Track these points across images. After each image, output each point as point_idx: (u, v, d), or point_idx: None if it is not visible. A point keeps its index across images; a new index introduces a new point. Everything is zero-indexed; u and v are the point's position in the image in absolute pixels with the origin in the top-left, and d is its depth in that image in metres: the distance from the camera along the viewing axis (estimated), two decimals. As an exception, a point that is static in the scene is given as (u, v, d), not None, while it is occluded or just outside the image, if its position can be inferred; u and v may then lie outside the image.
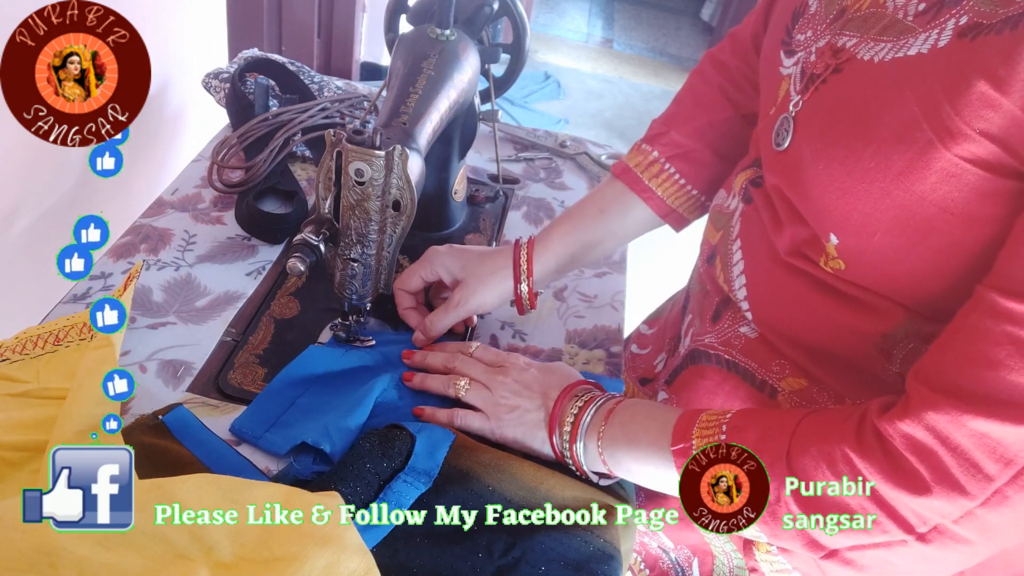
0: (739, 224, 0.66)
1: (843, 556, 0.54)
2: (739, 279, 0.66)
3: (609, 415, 0.62)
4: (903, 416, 0.49)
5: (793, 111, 0.58)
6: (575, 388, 0.66)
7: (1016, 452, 0.46)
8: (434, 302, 0.79)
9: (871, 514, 0.50)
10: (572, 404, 0.64)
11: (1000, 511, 0.47)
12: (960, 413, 0.46)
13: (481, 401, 0.67)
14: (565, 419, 0.63)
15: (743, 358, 0.66)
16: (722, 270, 0.68)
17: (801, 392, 0.63)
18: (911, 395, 0.49)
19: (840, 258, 0.55)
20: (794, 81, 0.59)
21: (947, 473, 0.47)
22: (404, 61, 0.75)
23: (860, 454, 0.50)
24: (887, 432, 0.49)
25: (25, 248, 0.94)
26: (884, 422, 0.49)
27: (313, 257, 0.65)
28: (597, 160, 1.11)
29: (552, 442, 0.64)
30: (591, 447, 0.62)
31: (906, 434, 0.48)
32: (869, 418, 0.51)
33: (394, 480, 0.59)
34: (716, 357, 0.68)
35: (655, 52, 4.01)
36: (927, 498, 0.48)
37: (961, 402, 0.46)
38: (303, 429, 0.63)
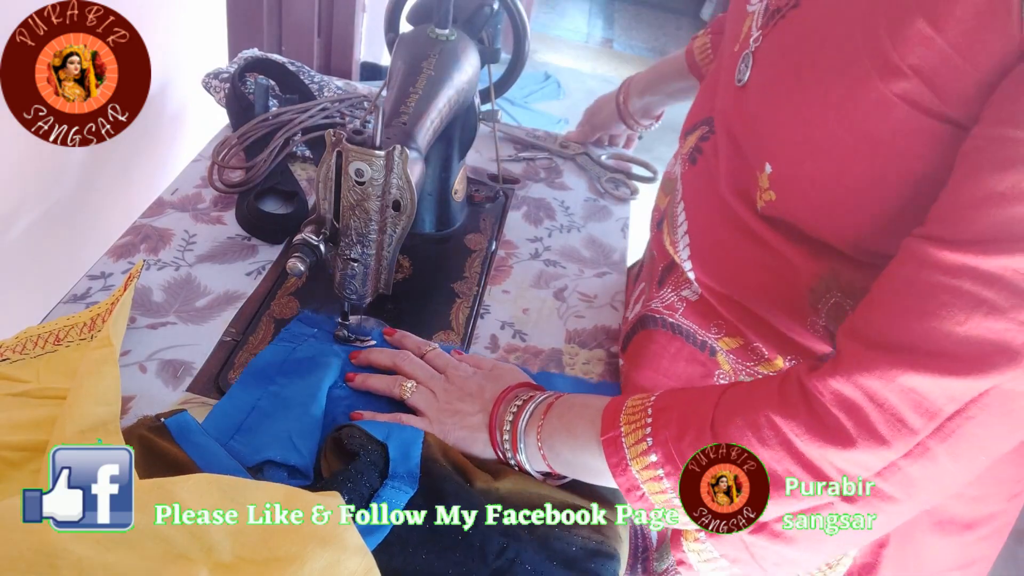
0: (682, 187, 0.69)
1: (771, 529, 0.55)
2: (683, 239, 0.68)
3: (548, 409, 0.62)
4: (833, 373, 0.49)
5: (753, 46, 0.60)
6: (516, 389, 0.66)
7: (941, 405, 0.46)
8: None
9: (795, 476, 0.50)
10: (512, 404, 0.64)
11: (922, 463, 0.48)
12: (890, 367, 0.46)
13: (425, 404, 0.67)
14: (504, 419, 0.63)
15: (685, 320, 0.68)
16: (668, 233, 0.70)
17: (737, 351, 0.65)
18: (842, 352, 0.50)
19: (772, 188, 0.57)
20: (757, 17, 0.61)
21: (871, 427, 0.47)
22: (404, 61, 0.75)
23: (784, 414, 0.50)
24: (816, 389, 0.49)
25: (25, 248, 0.94)
26: (814, 379, 0.50)
27: (313, 257, 0.65)
28: (597, 160, 1.11)
29: (494, 441, 0.64)
30: (531, 443, 0.62)
31: (835, 391, 0.48)
32: (794, 377, 0.51)
33: (381, 488, 0.58)
34: (661, 320, 0.70)
35: (655, 52, 4.01)
36: (850, 450, 0.48)
37: (892, 356, 0.46)
38: (267, 441, 0.62)
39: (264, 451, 0.61)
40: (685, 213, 0.68)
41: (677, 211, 0.69)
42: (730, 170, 0.62)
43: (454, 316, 0.82)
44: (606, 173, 1.09)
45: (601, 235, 0.98)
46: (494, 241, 0.93)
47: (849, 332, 0.50)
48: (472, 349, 0.79)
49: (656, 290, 0.72)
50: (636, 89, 1.05)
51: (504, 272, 0.89)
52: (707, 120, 0.68)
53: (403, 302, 0.81)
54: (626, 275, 0.92)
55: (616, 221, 1.02)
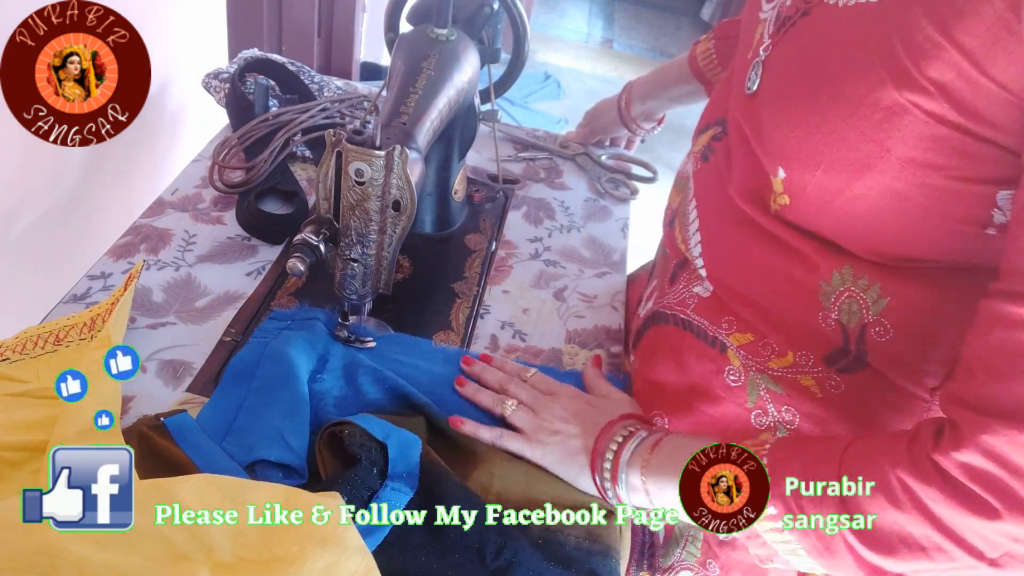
0: (694, 184, 0.69)
1: None
2: (694, 237, 0.68)
3: (656, 446, 0.61)
4: (957, 446, 0.47)
5: (764, 54, 0.60)
6: (625, 420, 0.66)
7: None
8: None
9: (937, 543, 0.48)
10: (618, 434, 0.64)
11: None
12: (1014, 432, 0.45)
13: (525, 423, 0.68)
14: (608, 447, 0.63)
15: (696, 316, 0.68)
16: (680, 231, 0.71)
17: (747, 346, 0.65)
18: (958, 422, 0.48)
19: (786, 193, 0.57)
20: (768, 25, 0.61)
21: (1015, 496, 0.46)
22: (404, 61, 0.75)
23: (919, 479, 0.48)
24: (944, 465, 0.47)
25: (25, 248, 0.94)
26: (939, 455, 0.48)
27: (313, 257, 0.65)
28: (597, 160, 1.11)
29: (594, 468, 0.64)
30: (634, 478, 0.61)
31: (964, 464, 0.46)
32: (923, 447, 0.49)
33: (381, 489, 0.58)
34: (672, 317, 0.70)
35: (655, 52, 4.01)
36: (998, 523, 0.46)
37: (1012, 420, 0.45)
38: (258, 439, 0.62)
39: (257, 450, 0.61)
40: (697, 211, 0.68)
41: (689, 208, 0.69)
42: (743, 173, 0.62)
43: (454, 316, 0.82)
44: (606, 173, 1.09)
45: (601, 235, 0.98)
46: (494, 241, 0.93)
47: (957, 401, 0.49)
48: (472, 349, 0.79)
49: (668, 287, 0.73)
50: (638, 93, 1.05)
51: (504, 272, 0.89)
52: (720, 121, 0.68)
53: (403, 302, 0.81)
54: (626, 276, 0.92)
55: (616, 221, 1.02)
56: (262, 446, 0.61)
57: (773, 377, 0.63)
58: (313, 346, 0.71)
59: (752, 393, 0.64)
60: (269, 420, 0.63)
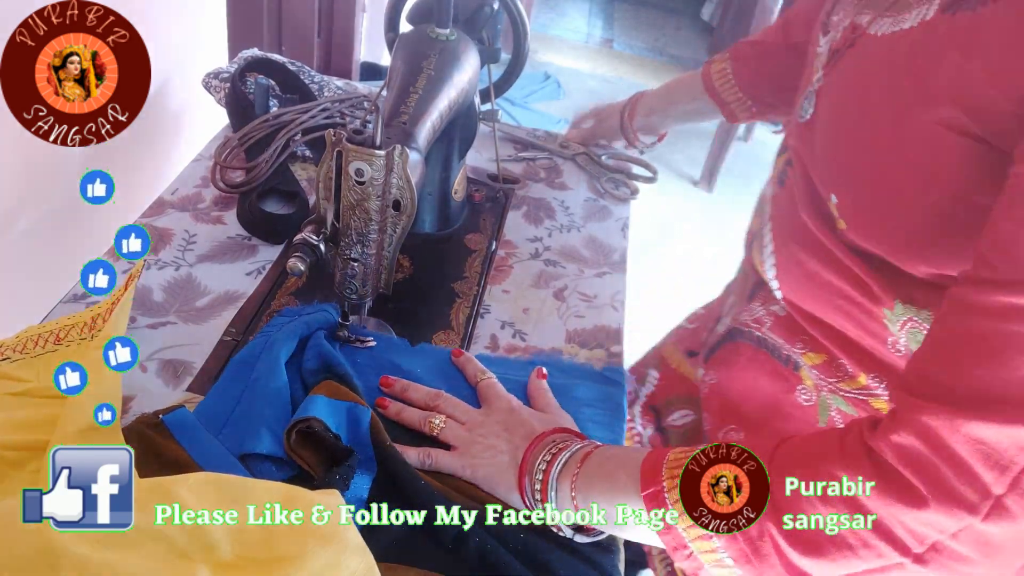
0: (771, 207, 0.71)
1: None
2: (769, 259, 0.70)
3: (585, 459, 0.58)
4: (893, 427, 0.46)
5: (816, 85, 0.64)
6: (552, 434, 0.63)
7: (1012, 456, 0.43)
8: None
9: (864, 538, 0.47)
10: (546, 450, 0.61)
11: (1000, 524, 0.44)
12: (953, 417, 0.44)
13: (455, 438, 0.65)
14: (536, 465, 0.60)
15: (771, 335, 0.70)
16: (757, 253, 0.72)
17: (821, 366, 0.66)
18: (899, 405, 0.48)
19: (841, 217, 0.59)
20: (821, 57, 0.65)
21: (944, 484, 0.44)
22: (404, 61, 0.75)
23: (848, 470, 0.47)
24: (877, 447, 0.47)
25: (25, 248, 0.94)
26: (874, 438, 0.47)
27: (313, 257, 0.65)
28: (597, 160, 1.11)
29: (521, 487, 0.61)
30: (564, 493, 0.58)
31: (897, 444, 0.46)
32: (855, 434, 0.49)
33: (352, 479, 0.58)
34: (748, 334, 0.72)
35: (655, 52, 4.01)
36: (924, 511, 0.45)
37: (953, 406, 0.44)
38: (250, 432, 0.62)
39: (249, 443, 0.61)
40: (772, 233, 0.70)
41: (764, 231, 0.71)
42: (808, 199, 0.64)
43: (454, 316, 0.82)
44: (606, 173, 1.09)
45: (601, 235, 0.98)
46: (494, 241, 0.93)
47: (903, 386, 0.48)
48: (472, 349, 0.79)
49: (746, 303, 0.74)
50: (644, 106, 1.06)
51: (504, 272, 0.89)
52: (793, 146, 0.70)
53: (403, 302, 0.81)
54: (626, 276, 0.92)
55: (616, 221, 1.02)
56: (250, 439, 0.61)
57: (846, 398, 0.64)
58: (299, 335, 0.70)
59: (823, 413, 0.66)
60: (259, 412, 0.63)
